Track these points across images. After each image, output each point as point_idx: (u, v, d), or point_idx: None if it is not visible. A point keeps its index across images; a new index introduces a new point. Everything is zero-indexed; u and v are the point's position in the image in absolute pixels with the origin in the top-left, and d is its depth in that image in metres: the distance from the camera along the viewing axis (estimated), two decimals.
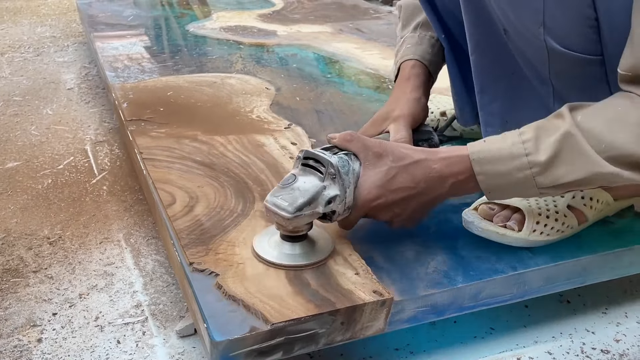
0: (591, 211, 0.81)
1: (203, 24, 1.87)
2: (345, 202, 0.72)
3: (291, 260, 0.72)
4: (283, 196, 0.70)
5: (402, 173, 0.73)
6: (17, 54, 1.94)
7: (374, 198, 0.73)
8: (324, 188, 0.71)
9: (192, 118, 1.14)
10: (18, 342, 0.78)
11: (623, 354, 0.79)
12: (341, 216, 0.74)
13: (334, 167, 0.71)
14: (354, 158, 0.74)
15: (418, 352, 0.78)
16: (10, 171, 1.21)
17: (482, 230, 0.77)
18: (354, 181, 0.73)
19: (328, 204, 0.71)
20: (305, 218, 0.70)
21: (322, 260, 0.73)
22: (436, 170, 0.72)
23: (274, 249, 0.73)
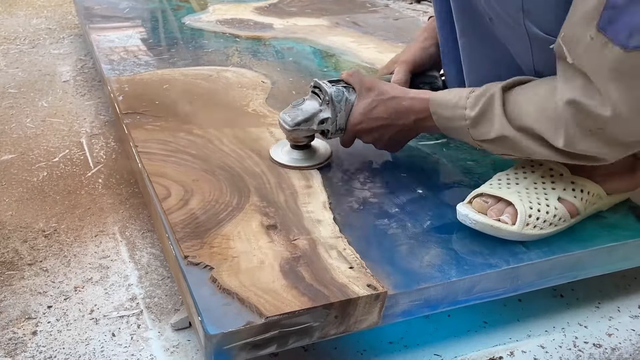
0: (582, 203, 0.81)
1: (199, 17, 1.87)
2: (337, 124, 0.90)
3: (295, 162, 0.94)
4: (289, 113, 0.91)
5: (380, 105, 0.88)
6: (13, 46, 1.93)
7: (357, 122, 0.90)
8: (320, 111, 0.90)
9: (188, 111, 1.14)
10: (13, 335, 0.78)
11: (615, 348, 0.80)
12: (334, 135, 0.92)
13: (329, 95, 0.89)
14: (352, 90, 0.91)
15: (412, 345, 0.78)
16: (5, 164, 1.20)
17: (476, 223, 0.77)
18: (347, 108, 0.90)
19: (321, 124, 0.90)
20: (302, 132, 0.91)
21: (319, 164, 0.94)
22: (404, 106, 0.86)
23: (284, 154, 0.95)
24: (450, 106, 0.81)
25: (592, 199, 0.82)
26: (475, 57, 0.89)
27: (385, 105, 0.87)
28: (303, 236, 0.77)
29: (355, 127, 0.90)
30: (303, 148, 0.95)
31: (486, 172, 0.94)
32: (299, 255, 0.73)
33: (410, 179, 0.92)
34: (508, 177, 0.83)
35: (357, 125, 0.90)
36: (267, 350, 0.65)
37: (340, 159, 0.98)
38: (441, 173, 0.95)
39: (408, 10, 2.26)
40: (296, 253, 0.74)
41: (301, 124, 0.90)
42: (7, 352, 0.75)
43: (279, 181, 0.90)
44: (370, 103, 0.88)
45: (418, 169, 0.95)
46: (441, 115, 0.82)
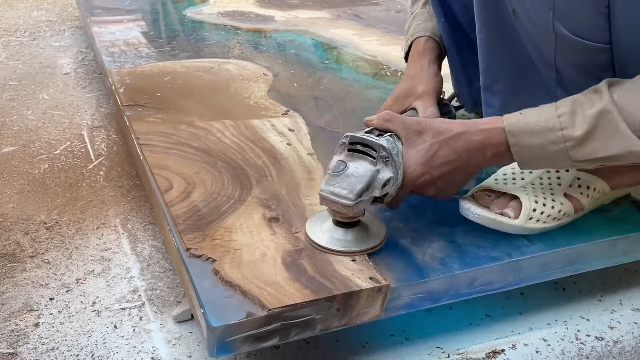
0: (588, 199, 0.81)
1: (200, 9, 1.86)
2: (397, 183, 0.73)
3: (346, 246, 0.73)
4: (339, 184, 0.70)
5: (444, 147, 0.74)
6: (13, 38, 1.92)
7: (420, 175, 0.74)
8: (378, 172, 0.72)
9: (189, 104, 1.14)
10: (15, 327, 0.78)
11: (617, 340, 0.80)
12: (391, 197, 0.74)
13: (386, 150, 0.72)
14: (396, 138, 0.75)
15: (414, 338, 0.78)
16: (6, 156, 1.20)
17: (479, 217, 0.77)
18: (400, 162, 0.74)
19: (384, 187, 0.72)
20: (364, 203, 0.71)
21: (377, 245, 0.74)
22: (477, 141, 0.73)
23: (327, 234, 0.74)
24: (539, 132, 0.70)
25: (596, 194, 0.82)
26: (495, 52, 0.86)
27: (449, 146, 0.73)
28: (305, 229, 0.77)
29: (417, 181, 0.74)
30: (354, 225, 0.75)
31: None
32: (301, 248, 0.73)
33: None
34: (513, 171, 0.82)
35: (419, 179, 0.74)
36: (269, 343, 0.65)
37: None
38: None
39: None
40: (298, 245, 0.74)
41: (363, 193, 0.70)
42: (10, 343, 0.76)
43: (281, 173, 0.89)
44: (429, 148, 0.74)
45: None
46: (527, 145, 0.71)
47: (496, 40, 0.85)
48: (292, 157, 0.95)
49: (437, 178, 0.75)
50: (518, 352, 0.77)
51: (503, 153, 0.73)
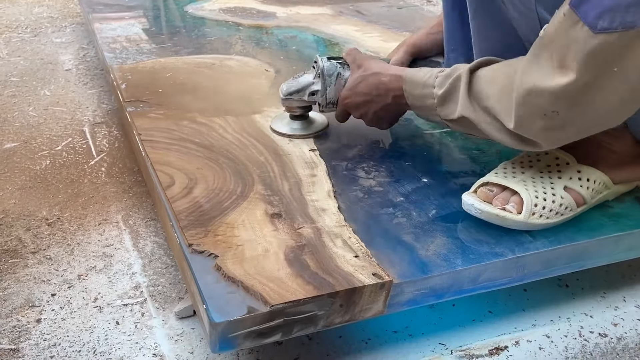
0: (588, 192, 0.80)
1: (202, 5, 1.86)
2: (326, 97, 0.95)
3: (292, 132, 0.99)
4: (287, 83, 0.97)
5: (363, 81, 0.90)
6: (15, 34, 1.92)
7: (345, 97, 0.93)
8: (312, 83, 0.95)
9: (191, 100, 1.13)
10: (17, 323, 0.78)
11: (621, 337, 0.79)
12: (327, 108, 0.97)
13: (320, 69, 0.94)
14: (347, 67, 0.95)
15: (417, 334, 0.78)
16: (8, 152, 1.20)
17: (481, 212, 0.76)
18: (340, 84, 0.94)
19: (311, 95, 0.96)
20: (294, 102, 0.97)
21: (312, 134, 0.99)
22: (383, 82, 0.87)
23: (283, 125, 1.01)
24: (420, 84, 0.82)
25: (598, 187, 0.81)
26: (487, 40, 0.88)
27: (367, 81, 0.89)
28: (308, 225, 0.77)
29: (343, 102, 0.94)
30: (300, 119, 1.00)
31: (492, 161, 0.94)
32: (304, 244, 0.73)
33: (415, 167, 0.92)
34: (513, 166, 0.82)
35: (344, 100, 0.93)
36: (272, 339, 0.65)
37: (344, 147, 0.97)
38: (446, 162, 0.95)
39: None
40: (301, 241, 0.73)
41: (293, 94, 0.96)
42: (12, 339, 0.75)
43: (284, 170, 0.89)
44: (356, 79, 0.91)
45: (423, 158, 0.95)
46: (411, 93, 0.83)
47: (488, 29, 0.87)
48: (294, 153, 0.94)
49: (357, 104, 0.92)
50: (521, 348, 0.77)
51: (400, 97, 0.85)
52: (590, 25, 0.62)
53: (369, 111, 0.92)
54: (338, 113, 0.97)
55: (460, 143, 1.00)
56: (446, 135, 1.03)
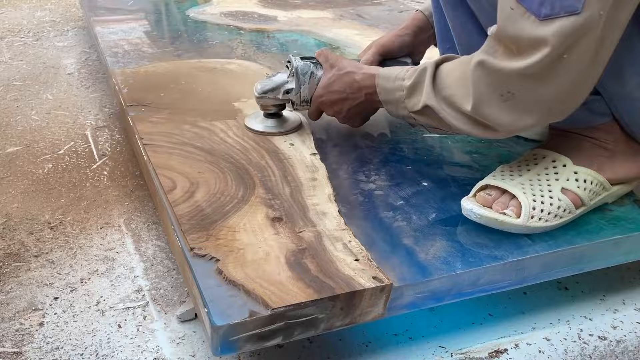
0: (586, 193, 0.81)
1: (203, 9, 1.86)
2: (300, 96, 0.98)
3: (266, 129, 1.02)
4: (261, 82, 0.99)
5: (338, 80, 0.94)
6: (17, 39, 1.93)
7: (319, 96, 0.96)
8: (287, 82, 0.98)
9: (193, 104, 1.14)
10: (20, 326, 0.79)
11: (620, 340, 0.80)
12: (300, 107, 1.00)
13: (294, 68, 0.97)
14: (319, 67, 0.98)
15: (417, 337, 0.78)
16: (10, 156, 1.21)
17: (481, 217, 0.77)
18: (313, 82, 0.97)
19: (286, 94, 0.98)
20: (269, 100, 1.00)
21: (285, 132, 1.02)
22: (356, 80, 0.91)
23: (257, 123, 1.03)
24: (392, 78, 0.86)
25: (595, 188, 0.82)
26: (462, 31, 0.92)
27: (341, 79, 0.93)
28: (308, 228, 0.77)
29: (317, 100, 0.97)
30: (274, 117, 1.02)
31: (491, 164, 0.94)
32: (305, 248, 0.73)
33: (415, 171, 0.92)
34: (511, 168, 0.83)
35: (318, 98, 0.96)
36: (273, 342, 0.65)
37: (344, 151, 0.98)
38: (446, 165, 0.95)
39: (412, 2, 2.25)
40: (302, 245, 0.74)
41: (268, 92, 0.98)
42: (14, 342, 0.76)
43: (284, 173, 0.90)
44: (330, 78, 0.95)
45: (423, 162, 0.95)
46: (384, 87, 0.87)
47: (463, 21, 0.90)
48: (295, 157, 0.95)
49: (331, 103, 0.95)
50: (521, 351, 0.77)
51: (373, 94, 0.89)
52: (535, 13, 0.67)
53: (342, 109, 0.95)
54: (311, 111, 1.00)
55: (460, 146, 1.00)
56: (446, 138, 1.03)
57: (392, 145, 1.00)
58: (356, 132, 1.04)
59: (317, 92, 0.97)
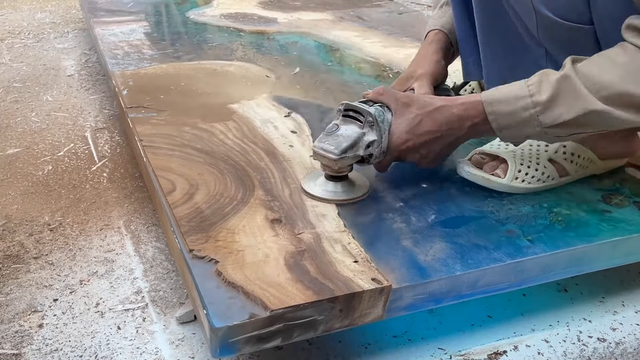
0: (572, 165, 0.88)
1: (203, 11, 1.87)
2: (381, 147, 0.84)
3: (334, 196, 0.85)
4: (329, 141, 0.83)
5: (427, 119, 0.83)
6: (17, 40, 1.93)
7: (404, 142, 0.84)
8: (364, 134, 0.83)
9: (192, 105, 1.14)
10: (19, 328, 0.79)
11: (619, 342, 0.80)
12: (377, 159, 0.85)
13: (372, 116, 0.83)
14: (386, 109, 0.85)
15: (416, 339, 0.78)
16: (10, 158, 1.21)
17: (470, 174, 0.86)
18: (387, 128, 0.84)
19: (367, 148, 0.83)
20: (349, 160, 0.83)
21: (360, 197, 0.86)
22: (455, 114, 0.82)
23: (319, 187, 0.86)
24: (509, 100, 0.78)
25: (583, 162, 0.89)
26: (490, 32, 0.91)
27: (432, 117, 0.83)
28: (308, 230, 0.77)
29: (401, 147, 0.84)
30: (342, 179, 0.86)
31: None
32: (304, 249, 0.74)
33: (415, 173, 0.92)
34: None
35: (402, 145, 0.84)
36: (272, 344, 0.65)
37: None
38: (445, 167, 0.95)
39: (412, 4, 2.25)
40: (301, 247, 0.74)
41: (347, 150, 0.82)
42: (14, 344, 0.76)
43: (284, 175, 0.90)
44: (413, 119, 0.83)
45: None
46: (500, 112, 0.79)
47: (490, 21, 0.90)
48: (295, 159, 0.95)
49: (420, 146, 0.84)
50: (520, 353, 0.77)
51: (480, 123, 0.81)
52: None
53: (431, 151, 0.85)
54: (386, 162, 0.87)
55: (460, 148, 1.00)
56: None
57: None
58: None
59: (398, 138, 0.83)
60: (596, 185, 0.91)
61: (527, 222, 0.81)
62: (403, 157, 0.86)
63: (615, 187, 0.91)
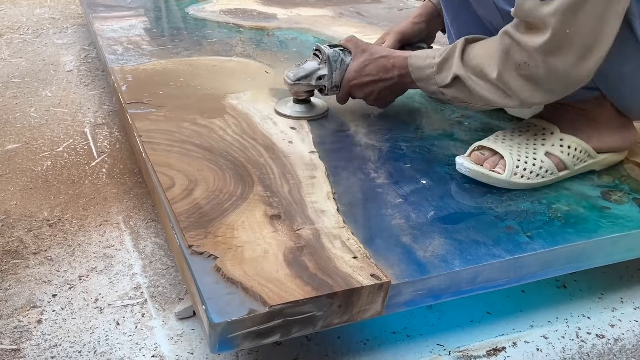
0: (569, 158, 0.88)
1: (203, 7, 1.86)
2: (332, 81, 1.04)
3: (296, 114, 1.08)
4: (293, 71, 1.06)
5: (371, 64, 1.00)
6: (16, 36, 1.93)
7: (351, 79, 1.02)
8: (319, 69, 1.04)
9: (191, 101, 1.14)
10: (18, 323, 0.79)
11: (618, 338, 0.80)
12: (330, 91, 1.05)
13: (326, 55, 1.03)
14: (347, 53, 1.04)
15: (415, 335, 0.79)
16: (9, 153, 1.21)
17: (470, 170, 0.87)
18: (343, 68, 1.03)
19: (319, 80, 1.04)
20: (302, 86, 1.05)
21: (316, 116, 1.08)
22: (390, 63, 0.98)
23: (287, 108, 1.09)
24: (423, 57, 0.93)
25: (580, 155, 0.90)
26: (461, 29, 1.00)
27: (374, 63, 0.99)
28: (307, 226, 0.77)
29: (349, 83, 1.02)
30: (303, 102, 1.09)
31: None
32: (303, 245, 0.74)
33: (414, 169, 0.92)
34: (505, 134, 0.91)
35: (350, 81, 1.02)
36: (271, 339, 0.65)
37: (343, 149, 0.98)
38: (445, 163, 0.95)
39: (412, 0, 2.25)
40: (300, 243, 0.74)
41: (301, 79, 1.04)
42: (13, 340, 0.76)
43: (283, 171, 0.90)
44: (362, 62, 1.01)
45: (422, 159, 0.95)
46: (416, 66, 0.93)
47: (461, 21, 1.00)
48: (294, 154, 0.95)
49: (363, 85, 1.01)
50: (519, 349, 0.77)
51: (405, 74, 0.96)
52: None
53: (374, 91, 1.01)
54: (341, 95, 1.05)
55: (460, 145, 1.00)
56: (446, 137, 1.03)
57: (391, 143, 1.00)
58: (356, 131, 1.04)
59: (348, 75, 1.02)
60: (595, 182, 0.91)
61: (526, 218, 0.81)
62: (353, 93, 1.04)
63: (615, 184, 0.91)
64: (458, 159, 0.89)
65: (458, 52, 0.87)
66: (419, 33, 1.16)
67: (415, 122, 1.09)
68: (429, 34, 1.18)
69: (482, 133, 1.04)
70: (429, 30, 1.17)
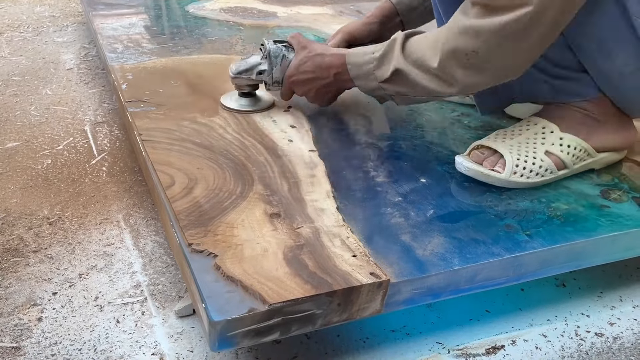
0: (568, 157, 0.88)
1: (203, 5, 1.86)
2: (272, 77, 1.05)
3: (240, 107, 1.09)
4: (236, 63, 1.06)
5: (308, 61, 1.00)
6: (16, 34, 1.93)
7: (290, 76, 1.03)
8: (260, 64, 1.05)
9: (192, 100, 1.14)
10: (18, 321, 0.79)
11: (617, 337, 0.80)
12: (273, 87, 1.06)
13: (267, 51, 1.04)
14: (291, 50, 1.04)
15: (414, 333, 0.79)
16: (9, 151, 1.21)
17: (469, 170, 0.87)
18: (285, 64, 1.03)
19: (259, 74, 1.05)
20: (243, 80, 1.06)
21: (260, 109, 1.09)
22: (325, 62, 0.98)
23: (233, 101, 1.10)
24: (361, 54, 0.93)
25: (580, 154, 0.90)
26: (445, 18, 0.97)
27: (311, 60, 1.00)
28: (306, 224, 0.77)
29: (289, 80, 1.03)
30: (248, 96, 1.10)
31: None
32: (303, 244, 0.74)
33: (413, 168, 0.92)
34: (505, 133, 0.92)
35: (290, 78, 1.03)
36: (270, 337, 0.65)
37: (343, 147, 0.98)
38: (444, 162, 0.95)
39: None
40: (299, 241, 0.74)
41: (242, 73, 1.05)
42: (13, 337, 0.76)
43: (283, 170, 0.90)
44: (301, 59, 1.01)
45: (421, 158, 0.96)
46: (354, 63, 0.94)
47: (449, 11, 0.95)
48: (294, 153, 0.95)
49: (302, 82, 1.02)
50: (518, 347, 0.77)
51: (342, 72, 0.96)
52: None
53: (312, 88, 1.02)
54: (283, 91, 1.06)
55: (458, 144, 1.01)
56: (444, 136, 1.03)
57: (390, 142, 1.00)
58: (355, 129, 1.04)
59: (288, 72, 1.02)
60: (595, 181, 0.91)
61: (525, 217, 0.81)
62: (293, 88, 1.04)
63: (614, 183, 0.91)
64: (457, 157, 0.89)
65: (398, 46, 0.87)
66: (370, 34, 1.13)
67: (415, 120, 1.09)
68: (382, 35, 1.13)
69: (482, 132, 1.04)
70: (382, 32, 1.13)
